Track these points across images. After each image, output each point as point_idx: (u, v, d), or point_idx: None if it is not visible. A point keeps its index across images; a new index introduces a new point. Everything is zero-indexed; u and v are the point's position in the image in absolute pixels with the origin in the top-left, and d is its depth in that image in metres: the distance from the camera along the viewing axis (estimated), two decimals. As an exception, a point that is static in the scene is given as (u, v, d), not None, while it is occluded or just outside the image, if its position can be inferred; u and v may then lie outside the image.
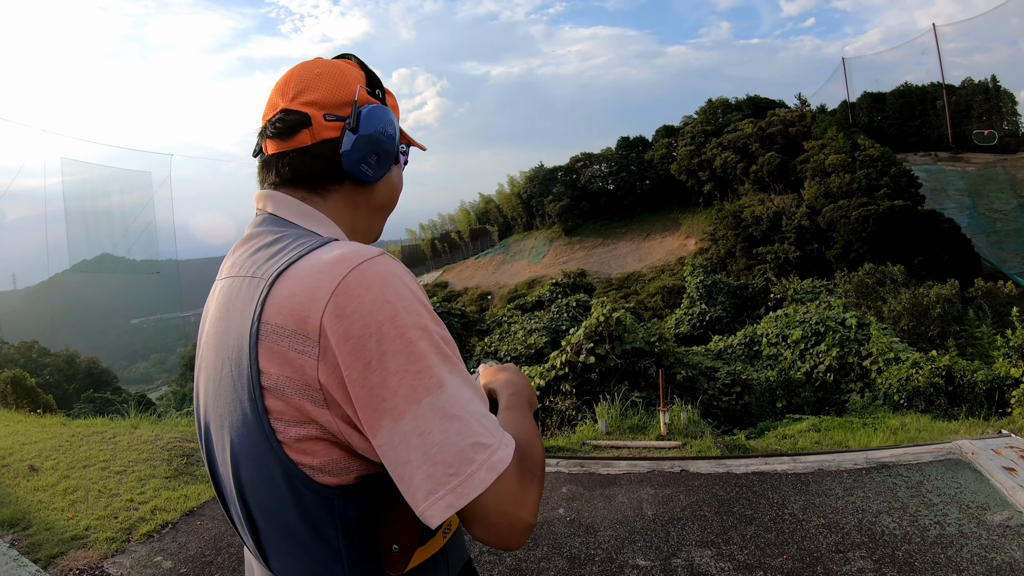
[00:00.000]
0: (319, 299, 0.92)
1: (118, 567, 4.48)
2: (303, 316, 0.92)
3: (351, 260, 0.95)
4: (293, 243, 1.04)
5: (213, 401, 1.07)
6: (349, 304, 0.91)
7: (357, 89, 1.18)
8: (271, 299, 0.96)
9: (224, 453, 1.06)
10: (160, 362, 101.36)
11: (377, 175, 1.18)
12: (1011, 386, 11.11)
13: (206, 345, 1.13)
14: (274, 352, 0.94)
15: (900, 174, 49.12)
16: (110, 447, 6.98)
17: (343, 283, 0.92)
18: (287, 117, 1.14)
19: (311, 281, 0.94)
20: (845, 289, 30.10)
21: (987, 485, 5.04)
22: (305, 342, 0.92)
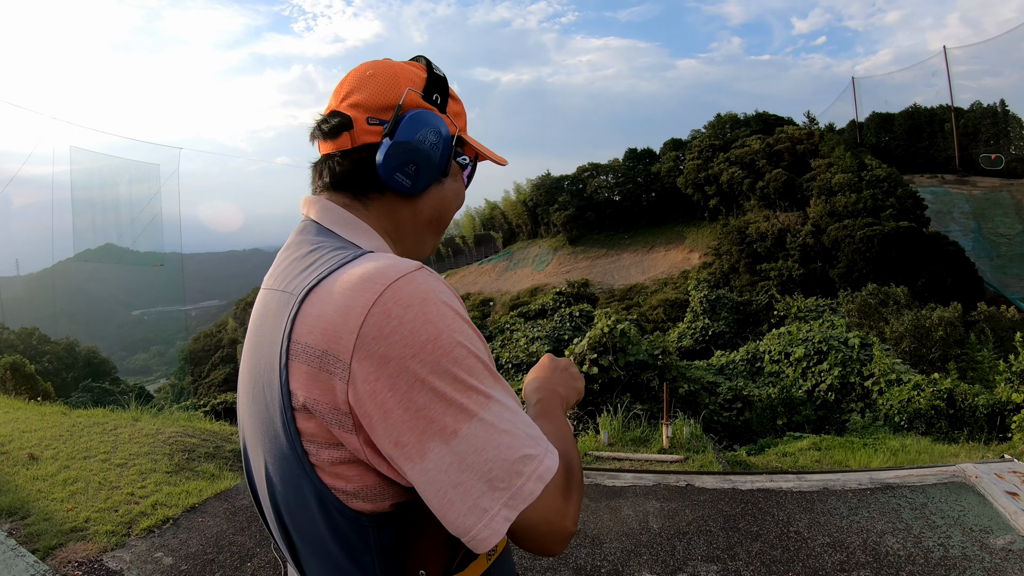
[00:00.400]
0: (353, 319, 0.87)
1: (118, 561, 4.46)
2: (335, 336, 0.88)
3: (386, 276, 0.90)
4: (327, 255, 0.99)
5: (249, 418, 1.05)
6: (387, 324, 0.86)
7: (404, 92, 1.11)
8: (301, 317, 0.91)
9: (260, 471, 1.04)
10: (159, 354, 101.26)
11: (417, 187, 1.11)
12: (1012, 411, 11.10)
13: (244, 359, 1.10)
14: (304, 372, 0.90)
15: (906, 195, 49.17)
16: (111, 439, 6.96)
17: (379, 302, 0.87)
18: (331, 119, 1.10)
19: (344, 299, 0.89)
20: (848, 309, 30.09)
21: (990, 509, 5.03)
22: (336, 363, 0.87)
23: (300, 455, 0.93)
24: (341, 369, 0.87)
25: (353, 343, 0.86)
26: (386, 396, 0.85)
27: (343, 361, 0.86)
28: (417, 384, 0.85)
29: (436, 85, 1.16)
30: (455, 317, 0.91)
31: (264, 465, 1.01)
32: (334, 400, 0.88)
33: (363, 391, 0.86)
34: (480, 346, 0.93)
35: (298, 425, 0.92)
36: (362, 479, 0.93)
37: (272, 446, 0.97)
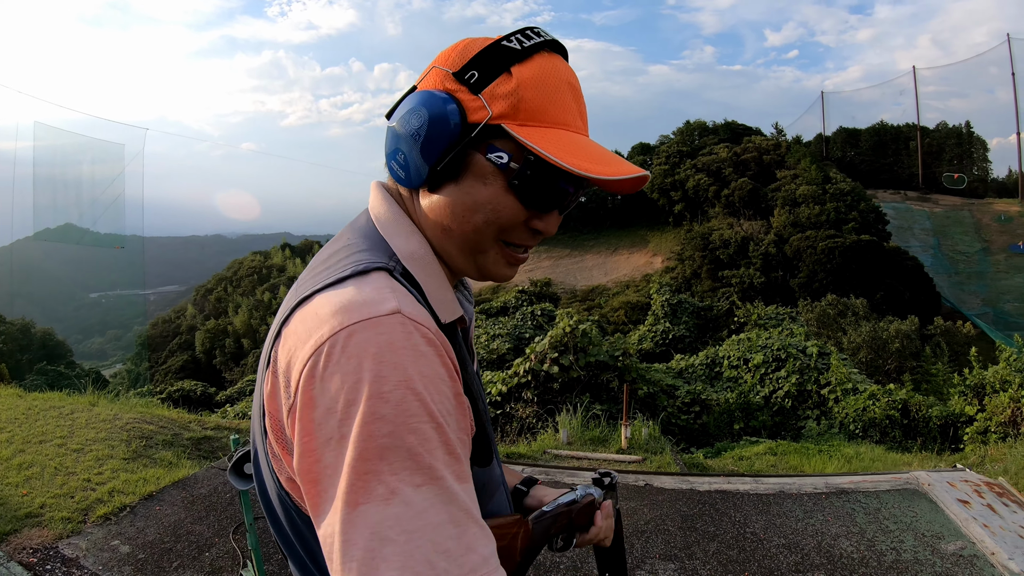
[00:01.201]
0: (305, 349, 0.80)
1: (73, 548, 4.40)
2: (291, 362, 0.83)
3: (350, 314, 0.80)
4: (337, 264, 0.91)
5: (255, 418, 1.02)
6: (327, 367, 0.78)
7: (429, 71, 0.97)
8: (285, 329, 0.88)
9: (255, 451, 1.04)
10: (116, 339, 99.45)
11: (412, 179, 0.96)
12: (965, 423, 11.38)
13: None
14: (271, 384, 0.88)
15: (869, 209, 50.24)
16: (67, 423, 6.83)
17: (331, 340, 0.79)
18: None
19: (305, 330, 0.83)
20: (807, 318, 30.57)
21: (942, 516, 5.17)
22: (287, 387, 0.83)
23: (266, 455, 0.93)
24: (287, 398, 0.82)
25: (299, 374, 0.80)
26: (304, 439, 0.78)
27: (289, 392, 0.82)
28: (331, 442, 0.76)
29: (482, 59, 0.93)
30: (401, 387, 0.77)
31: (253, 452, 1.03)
32: (281, 419, 0.85)
33: (294, 423, 0.80)
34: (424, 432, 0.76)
35: (266, 425, 0.90)
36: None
37: (257, 434, 0.99)
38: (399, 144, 0.95)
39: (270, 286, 72.99)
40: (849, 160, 70.82)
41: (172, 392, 21.30)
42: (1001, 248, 55.79)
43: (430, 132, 0.91)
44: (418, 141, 0.92)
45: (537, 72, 0.92)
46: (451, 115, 0.90)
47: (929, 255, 53.24)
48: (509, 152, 0.91)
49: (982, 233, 58.24)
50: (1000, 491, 5.91)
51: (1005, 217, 59.44)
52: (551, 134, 0.90)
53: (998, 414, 9.88)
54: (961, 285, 51.73)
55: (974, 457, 8.42)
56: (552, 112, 0.92)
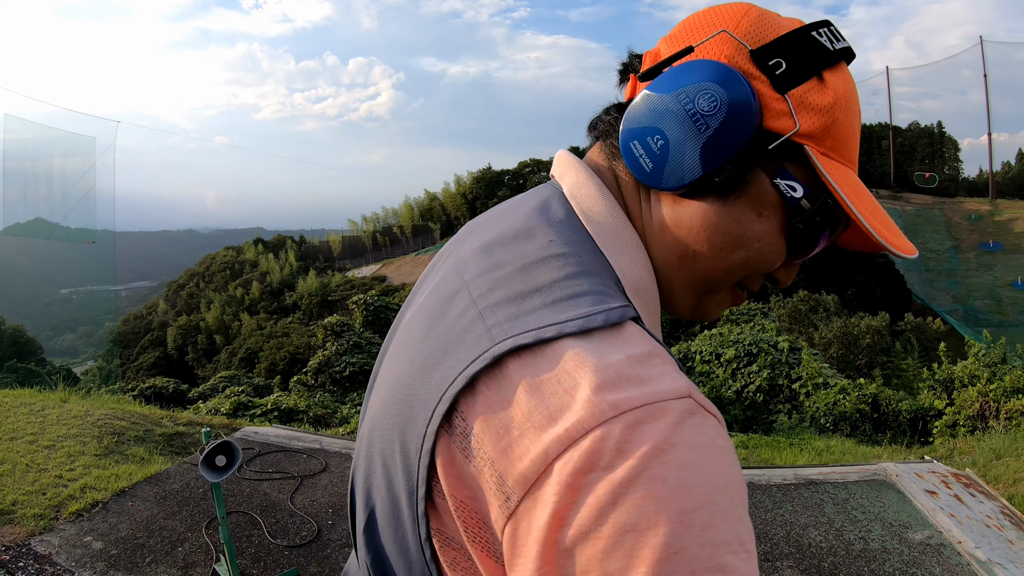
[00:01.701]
0: (551, 435, 0.54)
1: (46, 545, 4.36)
2: (513, 451, 0.55)
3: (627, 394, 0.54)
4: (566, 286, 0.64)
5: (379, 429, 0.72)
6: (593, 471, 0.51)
7: (715, 33, 0.70)
8: (485, 387, 0.59)
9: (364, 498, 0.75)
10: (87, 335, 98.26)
11: (664, 177, 0.69)
12: (934, 417, 11.59)
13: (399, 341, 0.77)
14: (457, 461, 0.60)
15: (841, 206, 50.76)
16: (38, 420, 6.76)
17: (601, 432, 0.52)
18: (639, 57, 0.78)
19: (553, 401, 0.55)
20: (779, 314, 30.84)
21: (910, 506, 5.28)
22: (501, 485, 0.56)
23: (421, 537, 0.64)
24: (504, 498, 0.56)
25: (532, 481, 0.54)
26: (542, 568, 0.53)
27: (507, 492, 0.55)
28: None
29: (789, 46, 0.68)
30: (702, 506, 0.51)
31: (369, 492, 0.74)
32: (479, 516, 0.59)
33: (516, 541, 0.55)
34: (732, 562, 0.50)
35: (433, 502, 0.63)
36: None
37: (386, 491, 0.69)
38: (663, 124, 0.68)
39: (242, 281, 72.39)
40: (822, 158, 71.47)
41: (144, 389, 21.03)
42: (971, 246, 56.67)
43: (724, 126, 0.66)
44: (702, 132, 0.66)
45: (847, 89, 0.70)
46: (753, 112, 0.66)
47: (900, 252, 53.94)
48: (805, 185, 0.69)
49: (953, 231, 59.10)
50: (967, 482, 6.03)
51: (975, 216, 60.37)
52: (849, 177, 0.70)
53: (966, 408, 10.08)
54: (931, 282, 52.51)
55: (943, 450, 8.57)
56: (852, 145, 0.72)
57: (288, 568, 4.24)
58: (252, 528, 4.75)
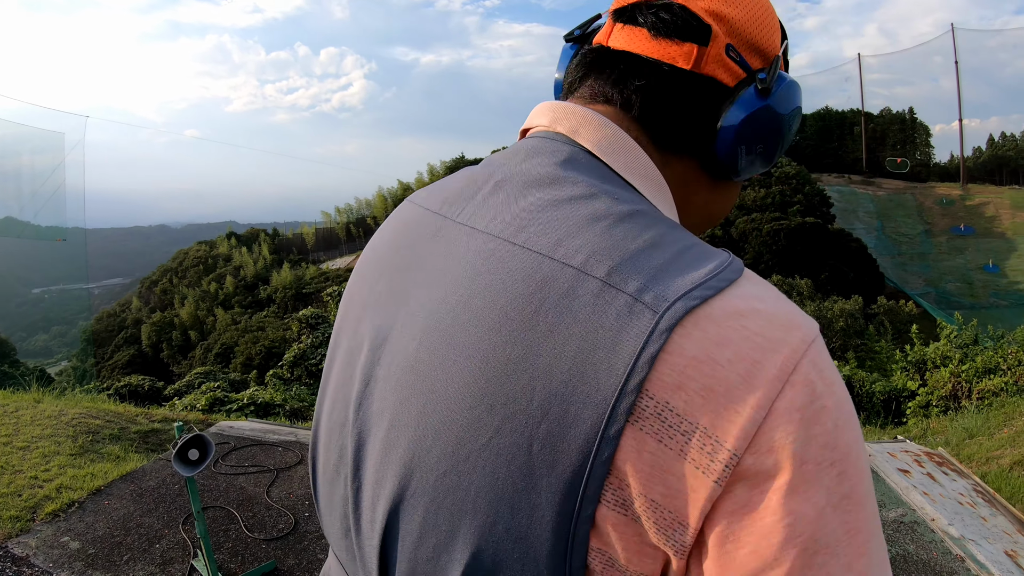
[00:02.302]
0: (764, 386, 0.51)
1: (23, 547, 4.32)
2: (727, 408, 0.51)
3: (803, 329, 0.55)
4: (676, 238, 0.60)
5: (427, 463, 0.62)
6: (810, 407, 0.52)
7: (783, 45, 0.75)
8: (670, 356, 0.52)
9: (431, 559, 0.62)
10: (61, 335, 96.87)
11: (744, 172, 0.74)
12: (907, 398, 11.76)
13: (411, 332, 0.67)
14: (650, 451, 0.52)
15: (813, 193, 51.40)
16: (12, 421, 6.68)
17: (800, 369, 0.52)
18: (678, 10, 0.70)
19: (750, 349, 0.52)
20: (756, 299, 31.17)
21: (883, 485, 5.39)
22: (716, 453, 0.51)
23: (572, 568, 0.56)
24: (722, 464, 0.51)
25: (758, 426, 0.51)
26: (773, 521, 0.50)
27: (730, 452, 0.51)
28: (825, 514, 0.51)
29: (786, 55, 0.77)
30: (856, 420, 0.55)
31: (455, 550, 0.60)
32: (685, 508, 0.53)
33: (740, 503, 0.51)
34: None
35: (596, 523, 0.55)
36: None
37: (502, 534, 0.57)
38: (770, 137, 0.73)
39: (216, 276, 71.66)
40: (794, 144, 72.04)
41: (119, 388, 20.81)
42: (943, 230, 57.57)
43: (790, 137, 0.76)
44: (783, 144, 0.75)
45: None
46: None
47: (873, 237, 54.72)
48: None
49: (924, 216, 59.99)
50: (940, 461, 6.14)
51: (947, 201, 61.29)
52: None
53: (939, 389, 10.24)
54: (904, 266, 53.28)
55: (916, 430, 8.72)
56: None
57: (266, 561, 4.23)
58: (229, 522, 4.74)
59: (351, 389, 0.73)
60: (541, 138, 0.72)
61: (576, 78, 0.77)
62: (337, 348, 0.80)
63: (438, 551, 0.61)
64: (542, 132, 0.74)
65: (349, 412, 0.73)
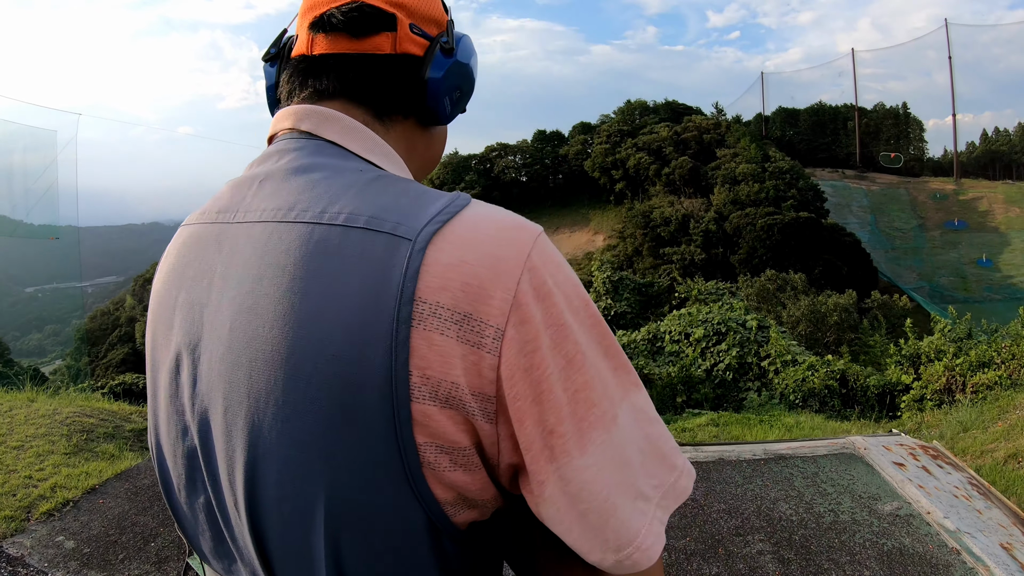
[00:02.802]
0: (508, 273, 0.66)
1: (18, 547, 4.31)
2: (483, 295, 0.65)
3: (529, 228, 0.71)
4: (411, 188, 0.74)
5: (268, 423, 0.70)
6: (545, 282, 0.68)
7: (449, 11, 0.95)
8: (429, 267, 0.65)
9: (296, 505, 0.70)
10: (54, 334, 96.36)
11: (451, 116, 0.94)
12: (902, 392, 11.79)
13: (220, 323, 0.75)
14: (439, 345, 0.65)
15: (807, 187, 51.45)
16: (6, 421, 6.65)
17: (533, 254, 0.68)
18: (366, 9, 0.83)
19: (491, 247, 0.67)
20: (747, 293, 31.23)
21: (878, 478, 5.38)
22: (483, 330, 0.65)
23: (411, 467, 0.67)
24: (491, 337, 0.65)
25: (509, 303, 0.66)
26: (545, 372, 0.66)
27: (494, 327, 0.65)
28: (579, 357, 0.68)
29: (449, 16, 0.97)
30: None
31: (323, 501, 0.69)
32: (478, 380, 0.66)
33: (516, 365, 0.66)
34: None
35: (415, 421, 0.66)
36: (471, 484, 0.72)
37: (348, 463, 0.67)
38: (463, 83, 0.92)
39: (212, 274, 71.38)
40: (788, 139, 72.25)
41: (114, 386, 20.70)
42: (936, 225, 57.71)
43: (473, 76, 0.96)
44: (473, 86, 0.96)
45: None
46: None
47: (866, 231, 54.82)
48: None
49: (918, 210, 60.11)
50: (935, 454, 6.16)
51: (940, 195, 61.40)
52: None
53: (933, 382, 10.27)
54: (898, 260, 53.43)
55: (911, 424, 8.74)
56: None
57: (263, 559, 4.23)
58: (226, 521, 4.73)
59: (182, 398, 0.80)
60: (290, 139, 0.85)
61: (295, 86, 0.89)
62: (158, 370, 0.86)
63: (299, 507, 0.70)
64: (288, 134, 0.86)
65: (187, 418, 0.80)
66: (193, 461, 0.82)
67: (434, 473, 0.68)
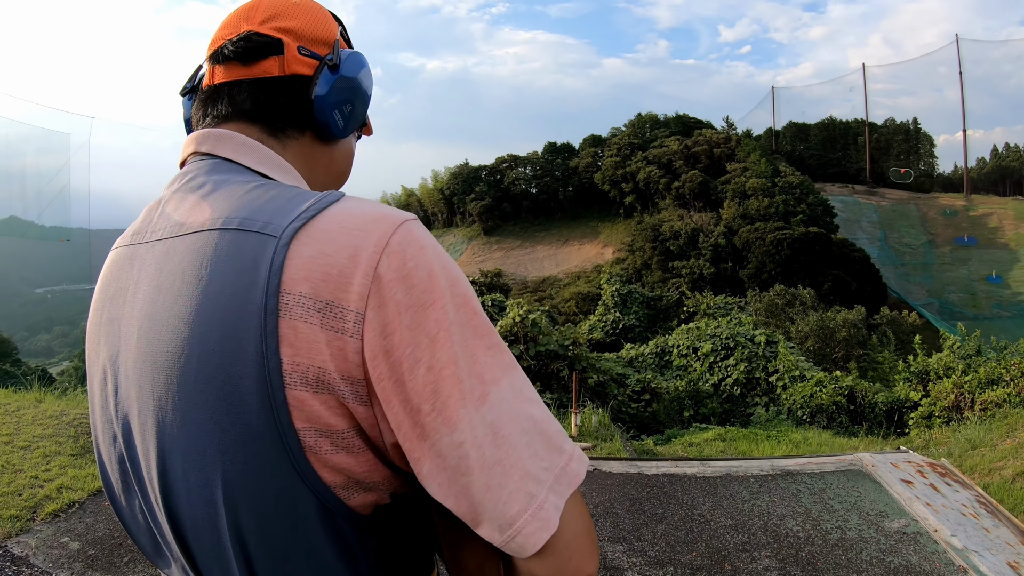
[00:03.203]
0: (364, 260, 0.69)
1: (23, 547, 4.31)
2: (343, 282, 0.69)
3: (392, 218, 0.73)
4: (287, 193, 0.78)
5: (176, 417, 0.75)
6: (404, 265, 0.70)
7: (338, 31, 1.00)
8: (292, 260, 0.69)
9: (201, 494, 0.75)
10: (63, 335, 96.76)
11: (347, 130, 0.97)
12: (910, 408, 11.73)
13: (148, 332, 0.79)
14: (304, 333, 0.69)
15: (817, 203, 51.33)
16: (13, 420, 6.68)
17: (392, 241, 0.71)
18: (254, 38, 0.90)
19: (349, 239, 0.71)
20: (756, 308, 31.13)
21: (886, 495, 5.35)
22: (345, 316, 0.69)
23: (293, 450, 0.71)
24: (352, 322, 0.69)
25: (368, 288, 0.69)
26: (405, 351, 0.69)
27: (354, 311, 0.69)
28: (442, 336, 0.70)
29: (346, 36, 1.05)
30: (460, 270, 0.76)
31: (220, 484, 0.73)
32: (345, 364, 0.70)
33: (378, 347, 0.69)
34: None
35: (291, 406, 0.70)
36: (362, 466, 0.75)
37: (236, 450, 0.72)
38: (353, 97, 0.97)
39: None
40: (798, 154, 72.14)
41: (122, 389, 20.72)
42: (946, 241, 57.48)
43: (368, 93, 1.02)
44: (366, 99, 1.01)
45: None
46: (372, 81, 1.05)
47: (876, 247, 54.66)
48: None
49: (928, 226, 59.91)
50: (943, 471, 6.12)
51: (950, 211, 61.19)
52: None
53: (942, 399, 10.21)
54: (907, 276, 53.22)
55: (919, 441, 8.69)
56: None
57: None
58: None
59: (108, 408, 0.87)
60: (192, 162, 0.91)
61: (200, 114, 0.95)
62: (92, 384, 0.93)
63: (204, 497, 0.75)
64: (192, 158, 0.92)
65: (114, 426, 0.86)
66: (123, 465, 0.87)
67: (317, 457, 0.72)
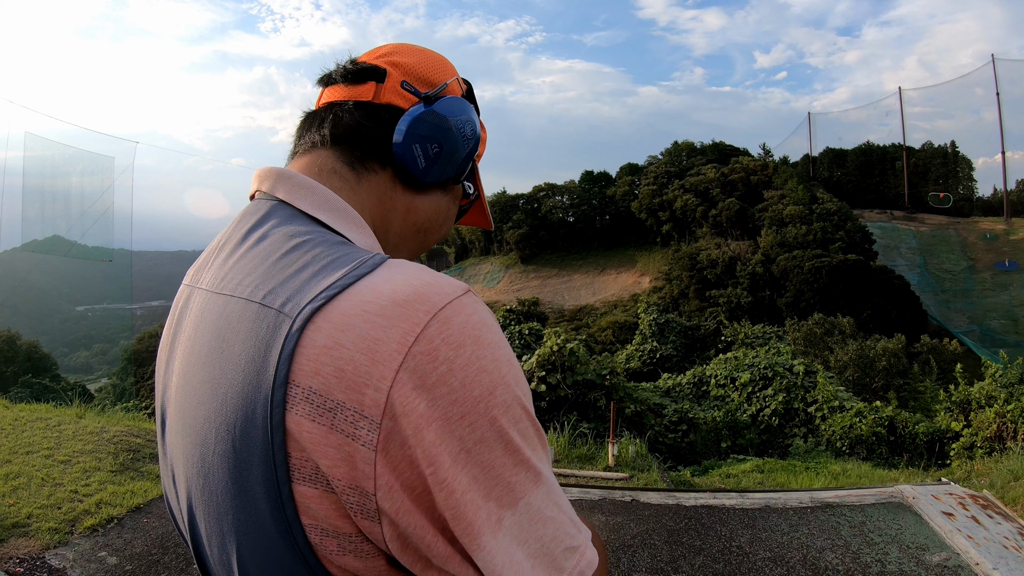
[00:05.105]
0: (386, 360, 0.61)
1: (60, 559, 4.38)
2: (358, 383, 0.61)
3: (430, 301, 0.65)
4: (326, 255, 0.72)
5: (200, 481, 0.73)
6: (435, 369, 0.62)
7: (453, 79, 0.96)
8: (304, 349, 0.63)
9: (220, 557, 0.74)
10: (102, 353, 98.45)
11: (429, 173, 0.89)
12: (951, 439, 11.49)
13: (182, 385, 0.78)
14: (309, 431, 0.62)
15: (855, 229, 50.69)
16: (55, 435, 6.81)
17: (423, 337, 0.62)
18: (363, 64, 0.91)
19: (370, 329, 0.62)
20: (794, 337, 30.75)
21: (926, 528, 5.23)
22: (357, 421, 0.61)
23: (300, 546, 0.66)
24: (366, 430, 0.61)
25: (386, 395, 0.61)
26: (430, 473, 0.61)
27: (368, 418, 0.61)
28: (463, 457, 0.62)
29: (472, 98, 1.02)
30: (510, 362, 0.68)
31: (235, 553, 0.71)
32: (353, 473, 0.62)
33: (397, 462, 0.62)
34: (529, 395, 0.71)
35: (296, 502, 0.64)
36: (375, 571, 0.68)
37: (249, 529, 0.68)
38: (442, 136, 0.89)
39: (257, 300, 72.58)
40: (836, 180, 71.45)
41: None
42: (987, 266, 56.31)
43: (474, 147, 0.94)
44: (464, 148, 0.92)
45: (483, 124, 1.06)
46: (478, 139, 0.96)
47: (915, 274, 53.73)
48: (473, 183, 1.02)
49: (968, 251, 58.77)
50: (985, 503, 5.97)
51: (991, 235, 60.02)
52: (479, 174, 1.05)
53: (984, 429, 9.98)
54: (947, 303, 52.15)
55: (960, 472, 8.49)
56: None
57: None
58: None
59: (164, 442, 0.86)
60: (255, 201, 0.88)
61: (296, 140, 0.94)
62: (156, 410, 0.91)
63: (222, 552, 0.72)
64: (257, 194, 0.89)
65: (168, 460, 0.85)
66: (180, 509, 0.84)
67: (325, 556, 0.66)
